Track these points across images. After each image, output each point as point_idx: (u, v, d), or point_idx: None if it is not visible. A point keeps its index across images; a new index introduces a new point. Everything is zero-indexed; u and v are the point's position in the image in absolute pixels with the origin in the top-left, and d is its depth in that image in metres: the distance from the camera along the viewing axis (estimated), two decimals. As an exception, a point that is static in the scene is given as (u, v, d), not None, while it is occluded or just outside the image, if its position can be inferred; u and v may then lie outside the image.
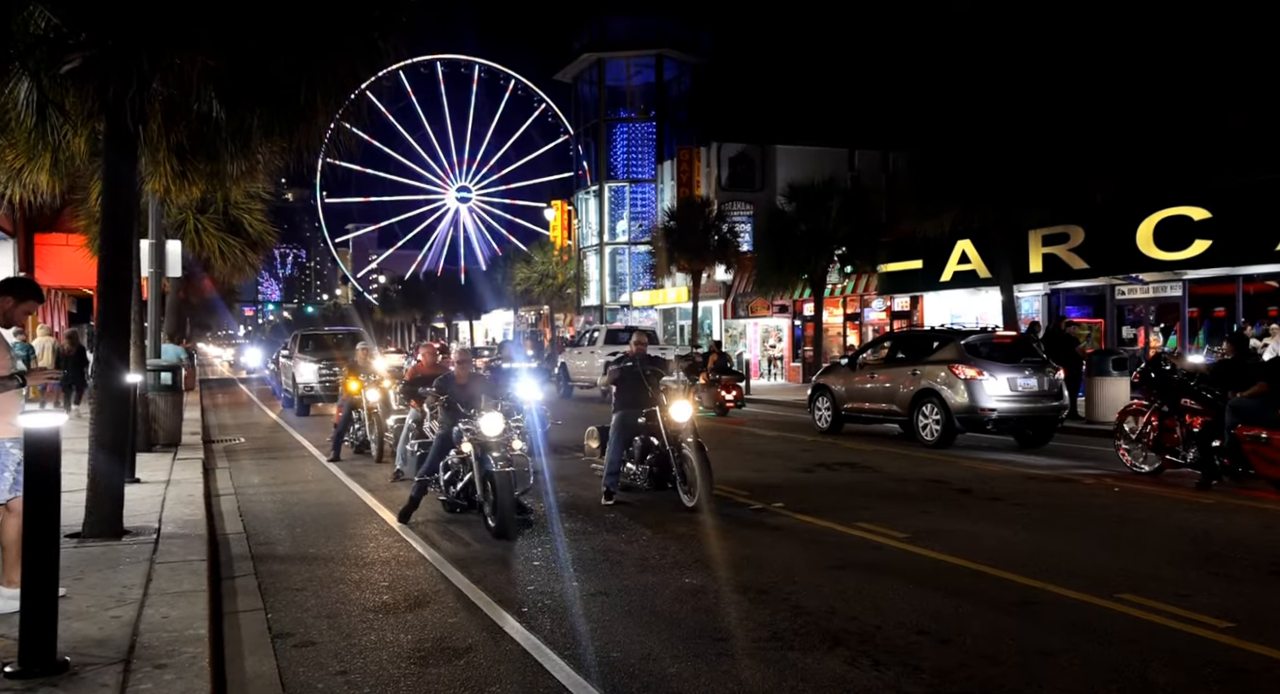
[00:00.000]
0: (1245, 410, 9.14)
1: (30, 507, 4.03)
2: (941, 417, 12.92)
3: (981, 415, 12.68)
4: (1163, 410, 10.11)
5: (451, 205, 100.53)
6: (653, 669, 4.43)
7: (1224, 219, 17.27)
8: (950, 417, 12.81)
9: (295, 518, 8.39)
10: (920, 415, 13.32)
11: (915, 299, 25.82)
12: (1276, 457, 8.82)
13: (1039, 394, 12.96)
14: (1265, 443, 8.88)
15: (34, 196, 8.40)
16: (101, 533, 6.59)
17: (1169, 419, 10.04)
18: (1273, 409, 9.00)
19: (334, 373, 19.84)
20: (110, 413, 6.90)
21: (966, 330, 15.37)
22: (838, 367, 15.79)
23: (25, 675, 3.83)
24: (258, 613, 5.39)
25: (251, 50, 6.80)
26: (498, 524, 7.16)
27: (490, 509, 7.29)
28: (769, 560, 6.52)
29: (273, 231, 19.61)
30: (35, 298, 5.13)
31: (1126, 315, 20.65)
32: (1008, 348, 13.59)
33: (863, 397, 14.51)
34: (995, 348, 13.43)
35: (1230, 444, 9.20)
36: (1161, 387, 10.15)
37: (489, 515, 7.31)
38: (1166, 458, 10.08)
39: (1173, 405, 9.98)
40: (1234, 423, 9.16)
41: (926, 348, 13.95)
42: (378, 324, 72.78)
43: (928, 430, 13.16)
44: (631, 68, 46.55)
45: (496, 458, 7.30)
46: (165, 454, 11.56)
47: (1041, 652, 4.60)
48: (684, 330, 37.22)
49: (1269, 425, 8.89)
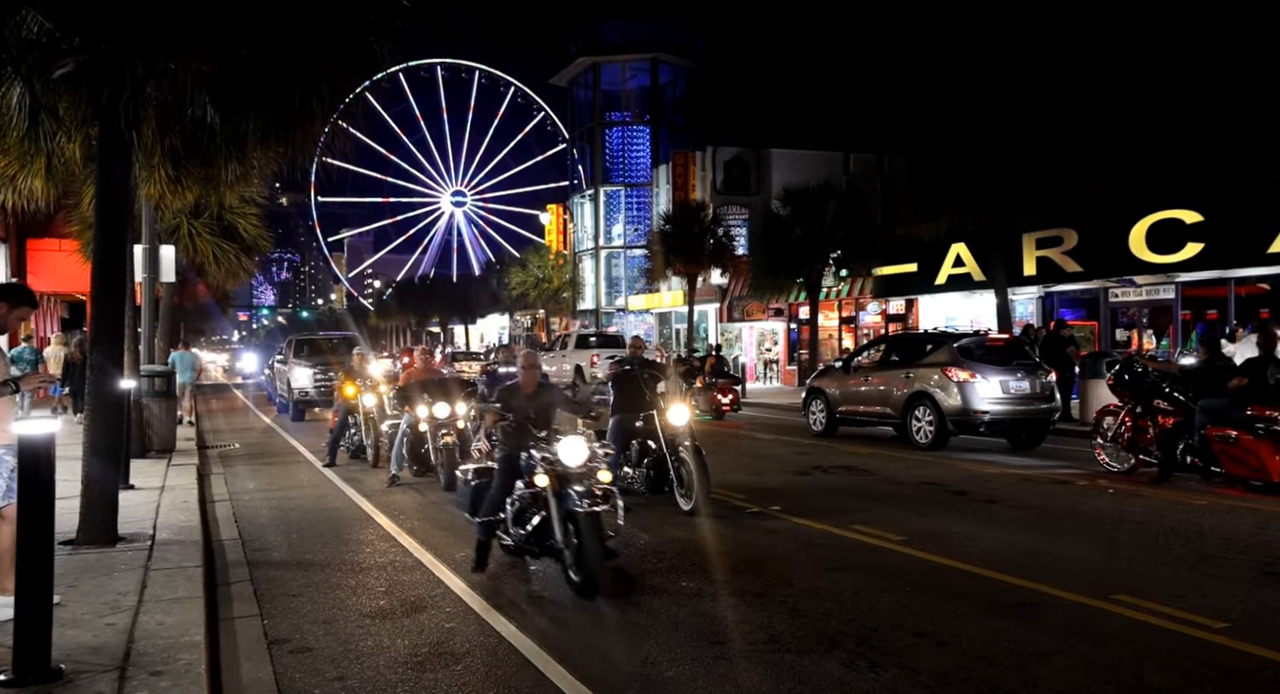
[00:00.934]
0: (1215, 411, 9.31)
1: (24, 513, 4.02)
2: (935, 419, 12.98)
3: (974, 418, 12.72)
4: (1136, 411, 10.26)
5: (447, 209, 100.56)
6: (650, 673, 4.42)
7: (1216, 222, 17.35)
8: (943, 419, 12.84)
9: (291, 523, 8.37)
10: (914, 418, 13.34)
11: (910, 302, 25.88)
12: (1243, 456, 9.03)
13: (1031, 396, 13.01)
14: (1234, 443, 9.09)
15: (27, 202, 8.38)
16: (96, 539, 6.56)
17: (1142, 419, 10.22)
18: (1240, 410, 9.15)
19: (329, 378, 19.79)
20: (104, 419, 6.88)
21: (959, 333, 15.46)
22: (832, 370, 15.86)
23: (19, 684, 3.81)
24: (254, 619, 5.37)
25: (246, 55, 6.80)
26: (583, 578, 5.65)
27: (573, 558, 5.75)
28: (766, 563, 6.52)
29: (267, 236, 19.57)
30: (29, 303, 5.12)
31: (1120, 318, 20.72)
32: (1000, 351, 13.63)
33: (857, 400, 14.56)
34: (988, 351, 13.48)
35: (1200, 444, 9.41)
36: (1134, 388, 10.33)
37: (571, 567, 5.78)
38: (1139, 457, 10.24)
39: (1145, 406, 10.16)
40: (1204, 423, 9.35)
41: (920, 351, 14.00)
42: (372, 329, 72.62)
43: (921, 433, 13.20)
44: (627, 72, 46.62)
45: (580, 493, 5.77)
46: (159, 460, 11.52)
47: (1037, 653, 4.60)
48: (679, 334, 37.25)
49: (1237, 425, 9.08)
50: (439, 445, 10.04)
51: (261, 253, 20.32)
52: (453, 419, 10.29)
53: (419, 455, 10.72)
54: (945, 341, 13.79)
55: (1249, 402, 9.13)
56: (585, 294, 46.91)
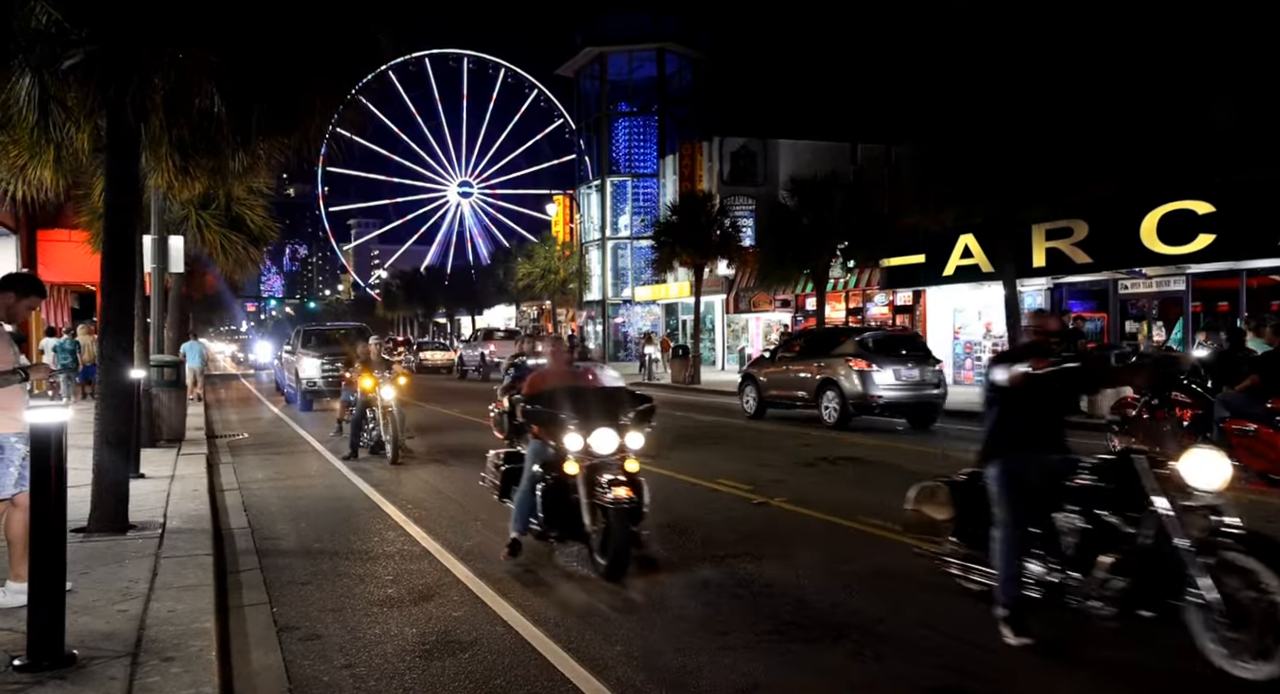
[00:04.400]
0: (1234, 404, 9.24)
1: (36, 501, 4.06)
2: (839, 402, 15.02)
3: (871, 401, 14.81)
4: (1153, 404, 10.19)
5: (453, 200, 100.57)
6: (657, 661, 4.45)
7: (1228, 213, 17.23)
8: (846, 402, 14.87)
9: (300, 512, 8.42)
10: (824, 401, 15.43)
11: (918, 294, 25.80)
12: (1262, 449, 8.93)
13: (920, 383, 15.17)
14: (1252, 436, 8.99)
15: (37, 193, 8.40)
16: (107, 527, 6.62)
17: (1159, 412, 10.13)
18: (1260, 403, 9.06)
19: (336, 368, 19.86)
20: (115, 408, 6.93)
21: (864, 328, 17.81)
22: (762, 360, 18.08)
23: (34, 669, 3.86)
24: (263, 607, 5.41)
25: (252, 45, 6.81)
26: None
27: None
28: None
29: (274, 227, 19.61)
30: (38, 293, 5.15)
31: (1130, 310, 20.62)
32: (896, 343, 15.91)
33: (781, 386, 16.71)
34: (886, 344, 15.67)
35: (1219, 437, 9.19)
36: None
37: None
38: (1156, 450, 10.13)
39: (1163, 399, 10.08)
40: (1223, 416, 9.25)
41: (832, 343, 16.19)
42: (379, 319, 72.79)
43: (829, 414, 15.27)
44: (634, 62, 46.46)
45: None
46: (169, 449, 11.58)
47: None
48: (685, 325, 37.24)
49: (1257, 419, 8.98)
50: (604, 499, 5.89)
51: (269, 243, 20.36)
52: (620, 455, 6.19)
53: (561, 513, 6.24)
54: (850, 336, 16.13)
55: (1269, 395, 8.99)
56: (592, 285, 46.89)
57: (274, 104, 7.22)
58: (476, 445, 11.89)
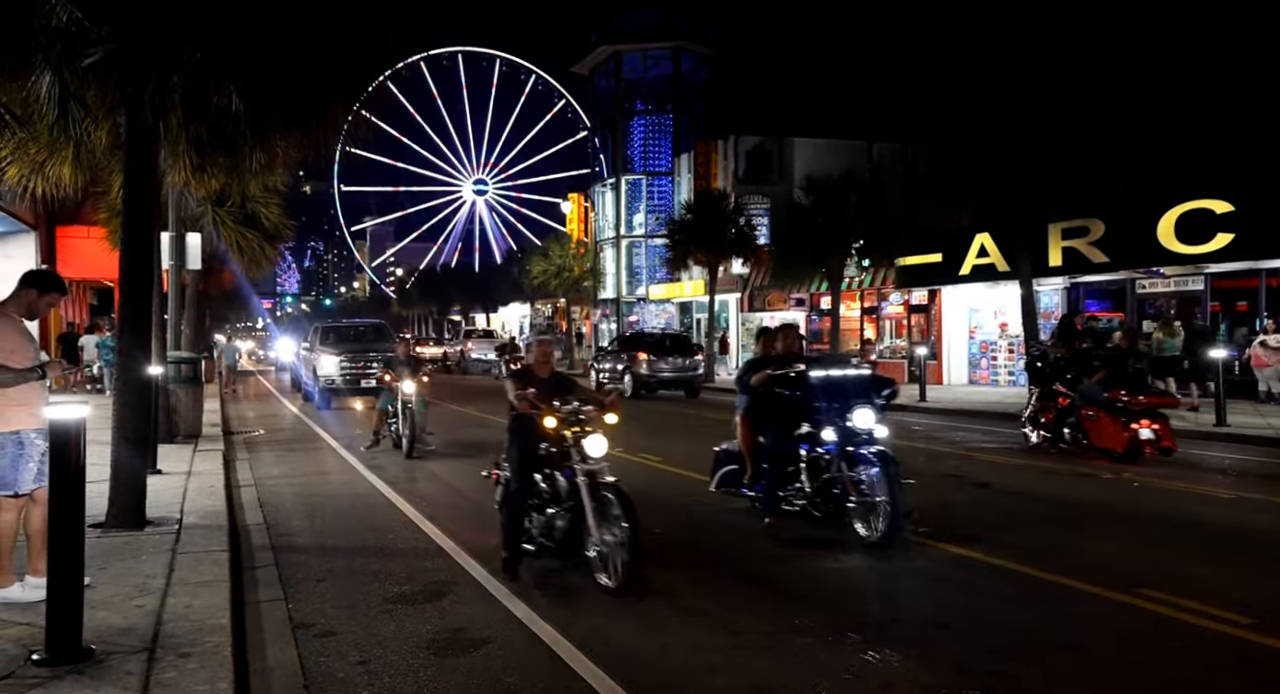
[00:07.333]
0: (1087, 394, 11.12)
1: (55, 497, 4.08)
2: (633, 382, 22.70)
3: (650, 379, 22.71)
4: (1043, 393, 12.05)
5: (469, 198, 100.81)
6: (668, 659, 4.44)
7: (1247, 212, 17.05)
8: (637, 381, 22.68)
9: (315, 509, 8.45)
10: (624, 382, 22.89)
11: (933, 293, 25.66)
12: (1103, 431, 10.81)
13: (684, 368, 23.03)
14: (1095, 420, 10.94)
15: (56, 190, 8.47)
16: (124, 523, 6.67)
17: (1045, 400, 12.00)
18: (1104, 393, 10.86)
19: (355, 365, 19.95)
20: (132, 404, 6.97)
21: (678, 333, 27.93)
22: (603, 351, 26.34)
23: (52, 663, 3.89)
24: (279, 603, 5.44)
25: (270, 43, 6.84)
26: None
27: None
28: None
29: (289, 225, 19.71)
30: (58, 290, 5.18)
31: (1147, 309, 20.44)
32: (671, 342, 24.28)
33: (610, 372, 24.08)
34: (661, 343, 24.00)
35: (1076, 422, 11.28)
36: (1038, 375, 12.20)
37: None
38: (1042, 433, 11.91)
39: (1046, 390, 11.97)
40: (1080, 404, 11.20)
41: (640, 342, 24.47)
42: (394, 316, 73.10)
43: (628, 391, 22.33)
44: (649, 60, 46.36)
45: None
46: (186, 445, 11.66)
47: (1067, 644, 4.58)
48: (700, 323, 37.18)
49: (1099, 406, 10.88)
50: None
51: (284, 240, 20.47)
52: None
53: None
54: (643, 338, 25.18)
55: (1111, 386, 10.84)
56: (606, 283, 46.87)
57: (291, 102, 7.26)
58: (487, 442, 11.93)
